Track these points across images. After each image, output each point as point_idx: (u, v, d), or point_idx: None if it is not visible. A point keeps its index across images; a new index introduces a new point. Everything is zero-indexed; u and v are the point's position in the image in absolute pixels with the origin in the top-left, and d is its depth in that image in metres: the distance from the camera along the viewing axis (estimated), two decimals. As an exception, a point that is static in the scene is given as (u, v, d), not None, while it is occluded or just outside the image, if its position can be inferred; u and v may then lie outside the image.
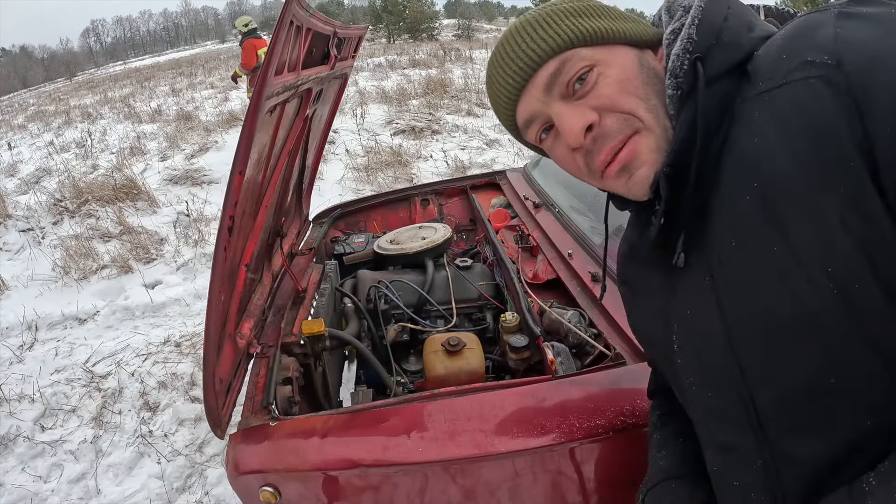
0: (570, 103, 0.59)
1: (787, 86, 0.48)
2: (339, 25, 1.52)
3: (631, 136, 0.57)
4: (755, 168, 0.50)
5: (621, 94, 0.57)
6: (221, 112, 9.41)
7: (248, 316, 1.48)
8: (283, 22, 1.03)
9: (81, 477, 2.35)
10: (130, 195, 5.62)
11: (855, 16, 0.48)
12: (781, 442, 0.53)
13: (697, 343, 0.60)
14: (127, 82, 18.60)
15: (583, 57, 0.58)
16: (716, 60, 0.55)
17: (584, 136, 0.58)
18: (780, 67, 0.50)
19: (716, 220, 0.55)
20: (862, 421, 0.48)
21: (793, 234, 0.47)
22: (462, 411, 1.12)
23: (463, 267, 1.98)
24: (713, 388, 0.59)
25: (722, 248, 0.54)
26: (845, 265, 0.45)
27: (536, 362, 1.43)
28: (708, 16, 0.56)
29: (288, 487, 1.10)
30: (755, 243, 0.50)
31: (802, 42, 0.49)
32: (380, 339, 1.76)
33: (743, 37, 0.56)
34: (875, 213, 0.44)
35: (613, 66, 0.58)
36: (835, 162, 0.44)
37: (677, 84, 0.56)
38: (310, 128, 1.84)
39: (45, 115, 12.77)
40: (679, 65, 0.56)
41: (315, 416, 1.18)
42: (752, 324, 0.52)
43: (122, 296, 3.96)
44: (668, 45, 0.59)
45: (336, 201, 3.38)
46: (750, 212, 0.50)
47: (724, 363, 0.56)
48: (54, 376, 3.06)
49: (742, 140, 0.52)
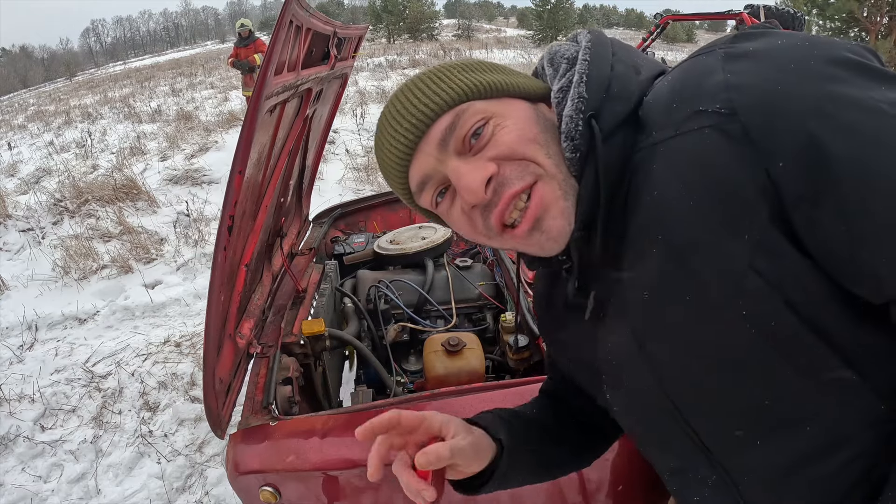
0: (466, 159, 0.56)
1: (680, 136, 0.48)
2: (339, 25, 1.52)
3: (533, 184, 0.54)
4: (658, 222, 0.49)
5: (520, 142, 0.55)
6: (221, 112, 9.42)
7: (248, 316, 1.48)
8: (283, 22, 1.03)
9: (81, 477, 2.35)
10: (130, 195, 5.62)
11: (742, 56, 0.47)
12: (730, 457, 0.54)
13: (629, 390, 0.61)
14: (127, 82, 18.60)
15: (477, 110, 0.56)
16: (609, 115, 0.53)
17: (485, 191, 0.54)
18: (672, 117, 0.49)
19: (627, 273, 0.54)
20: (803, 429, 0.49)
21: (703, 283, 0.48)
22: (462, 411, 1.12)
23: (463, 267, 1.98)
24: (652, 426, 0.60)
25: (636, 300, 0.54)
26: (759, 304, 0.46)
27: (536, 362, 1.43)
28: (595, 70, 0.55)
29: (288, 487, 1.10)
30: (668, 294, 0.50)
31: (692, 91, 0.48)
32: (380, 339, 1.76)
33: (632, 83, 0.55)
34: (782, 250, 0.44)
35: (510, 117, 0.56)
36: (737, 209, 0.45)
37: (574, 146, 0.54)
38: (310, 128, 1.84)
39: (45, 115, 12.78)
40: (573, 126, 0.53)
41: (315, 416, 1.18)
42: (681, 369, 0.53)
43: (122, 296, 3.96)
44: (558, 103, 0.57)
45: (336, 201, 3.38)
46: (658, 264, 0.50)
47: (659, 404, 0.56)
48: (54, 376, 3.06)
49: (643, 193, 0.51)
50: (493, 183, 0.54)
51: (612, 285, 0.57)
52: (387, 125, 0.59)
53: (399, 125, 0.58)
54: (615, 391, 0.63)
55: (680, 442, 0.57)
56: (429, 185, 0.59)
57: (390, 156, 0.60)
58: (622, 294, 0.56)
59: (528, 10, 31.57)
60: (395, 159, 0.59)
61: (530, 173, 0.54)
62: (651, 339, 0.54)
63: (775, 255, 0.45)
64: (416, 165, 0.59)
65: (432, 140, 0.57)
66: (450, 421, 0.63)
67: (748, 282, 0.45)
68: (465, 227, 0.60)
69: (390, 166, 0.61)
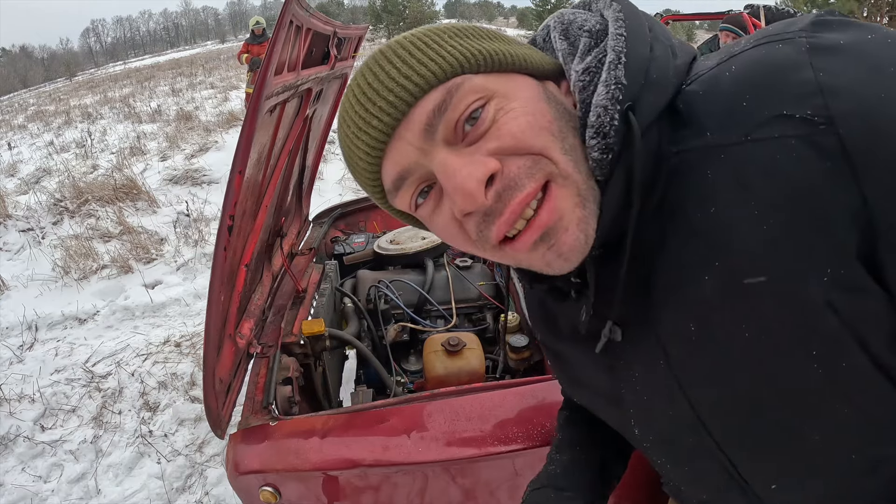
0: (459, 151, 0.44)
1: (753, 143, 0.39)
2: (339, 25, 1.53)
3: (544, 183, 0.43)
4: (717, 246, 0.41)
5: (530, 131, 0.43)
6: (221, 112, 9.42)
7: (248, 316, 1.48)
8: (283, 22, 1.03)
9: (81, 477, 2.34)
10: (130, 195, 5.62)
11: (832, 51, 0.38)
12: (771, 492, 0.51)
13: (662, 427, 0.53)
14: (127, 82, 18.61)
15: (475, 86, 0.43)
16: (646, 107, 0.43)
17: (485, 194, 0.42)
18: (741, 118, 0.40)
19: (664, 298, 0.46)
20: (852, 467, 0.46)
21: (767, 319, 0.41)
22: (462, 411, 1.12)
23: (463, 267, 1.98)
24: (685, 460, 0.55)
25: (677, 331, 0.46)
26: (831, 344, 0.40)
27: (536, 362, 1.43)
28: (634, 50, 0.44)
29: (288, 487, 1.10)
30: (722, 328, 0.43)
31: (770, 88, 0.39)
32: (380, 339, 1.76)
33: (670, 68, 0.45)
34: (864, 286, 0.38)
35: (516, 98, 0.44)
36: (822, 237, 0.38)
37: (607, 146, 0.43)
38: (310, 128, 1.84)
39: (44, 115, 12.78)
40: (608, 120, 0.43)
41: (315, 416, 1.18)
42: (726, 408, 0.47)
43: (122, 296, 3.96)
44: (583, 88, 0.45)
45: (336, 201, 3.38)
46: (712, 294, 0.42)
47: (696, 443, 0.51)
48: (54, 376, 3.06)
49: (693, 207, 0.42)
50: (496, 184, 0.43)
51: (639, 314, 0.48)
52: (354, 104, 0.46)
53: (371, 104, 0.44)
54: (645, 426, 0.56)
55: (715, 476, 0.52)
56: (407, 182, 0.46)
57: (358, 143, 0.46)
58: (655, 325, 0.48)
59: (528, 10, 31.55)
60: (364, 148, 0.46)
61: (541, 170, 0.43)
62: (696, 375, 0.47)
63: (856, 291, 0.38)
64: (391, 157, 0.45)
65: (414, 125, 0.44)
66: None
67: (823, 321, 0.39)
68: (454, 235, 0.48)
69: (357, 157, 0.47)
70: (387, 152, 0.45)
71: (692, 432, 0.50)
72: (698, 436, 0.50)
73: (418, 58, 0.44)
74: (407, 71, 0.43)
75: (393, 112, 0.43)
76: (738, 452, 0.49)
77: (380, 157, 0.46)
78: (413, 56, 0.44)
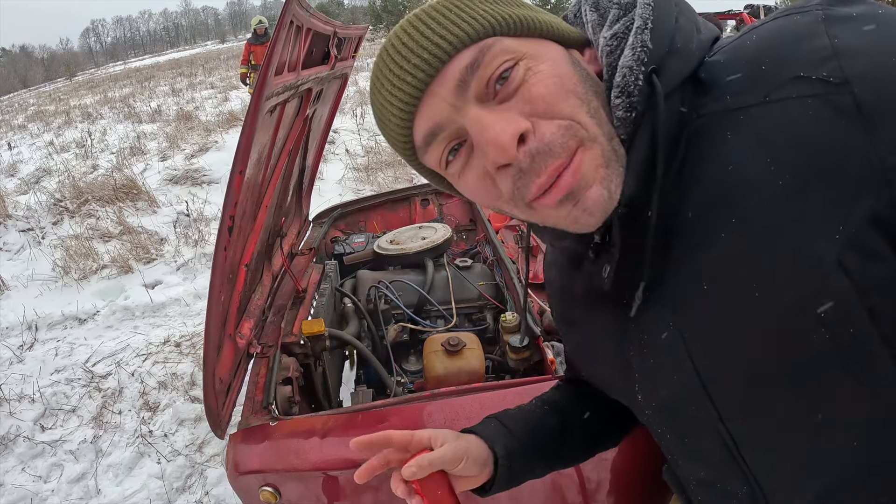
0: (491, 107, 0.45)
1: (771, 104, 0.41)
2: (339, 25, 1.53)
3: (575, 150, 0.45)
4: (734, 202, 0.43)
5: (559, 94, 0.45)
6: (221, 112, 9.42)
7: (248, 316, 1.48)
8: (283, 22, 1.03)
9: (81, 477, 2.35)
10: (130, 195, 5.62)
11: (847, 20, 0.41)
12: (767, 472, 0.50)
13: (666, 394, 0.54)
14: (127, 82, 18.62)
15: (506, 48, 0.46)
16: (671, 71, 0.46)
17: (517, 150, 0.44)
18: (760, 82, 0.42)
19: (679, 257, 0.47)
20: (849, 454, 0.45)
21: (779, 278, 0.41)
22: (462, 411, 1.12)
23: (463, 267, 1.98)
24: (686, 431, 0.55)
25: (690, 291, 0.47)
26: (839, 308, 0.40)
27: (536, 362, 1.43)
28: (660, 18, 0.47)
29: (288, 487, 1.10)
30: (734, 289, 0.44)
31: (787, 53, 0.42)
32: (380, 339, 1.76)
33: (693, 40, 0.47)
34: (878, 251, 0.39)
35: (544, 61, 0.46)
36: (836, 194, 0.39)
37: (631, 104, 0.46)
38: (310, 128, 1.84)
39: (44, 115, 12.78)
40: (633, 80, 0.45)
41: (315, 416, 1.18)
42: (733, 372, 0.47)
43: (122, 296, 3.96)
44: (610, 52, 0.48)
45: (336, 201, 3.38)
46: (726, 253, 0.43)
47: (699, 410, 0.51)
48: (54, 376, 3.06)
49: (711, 167, 0.44)
50: (528, 143, 0.44)
51: (655, 274, 0.49)
52: (388, 61, 0.48)
53: (405, 61, 0.46)
54: (649, 392, 0.56)
55: (714, 452, 0.52)
56: (439, 138, 0.48)
57: (391, 99, 0.48)
58: (669, 285, 0.48)
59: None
60: (397, 104, 0.47)
61: (574, 136, 0.45)
62: (703, 338, 0.48)
63: (869, 255, 0.39)
64: (424, 112, 0.47)
65: (448, 81, 0.46)
66: (438, 434, 0.62)
67: (833, 280, 0.40)
68: (483, 191, 0.49)
69: (390, 113, 0.49)
70: (420, 108, 0.47)
71: (695, 400, 0.50)
72: (701, 405, 0.50)
73: (452, 19, 0.46)
74: (441, 31, 0.46)
75: (427, 69, 0.45)
76: (739, 427, 0.49)
77: (412, 112, 0.47)
78: (446, 17, 0.46)
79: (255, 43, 7.43)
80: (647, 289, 0.50)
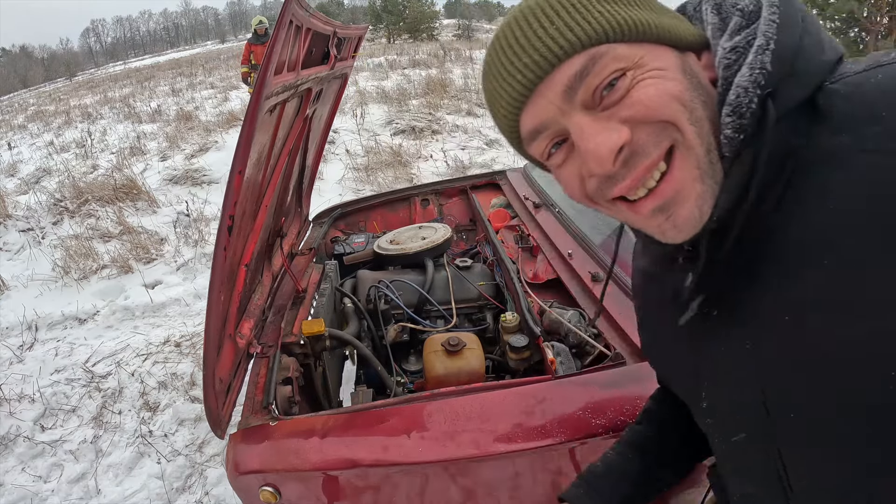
0: (595, 115, 0.46)
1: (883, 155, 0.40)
2: (338, 25, 1.53)
3: (667, 150, 0.46)
4: (828, 245, 0.42)
5: (661, 99, 0.45)
6: (221, 112, 9.42)
7: (248, 316, 1.48)
8: (283, 22, 1.03)
9: (81, 477, 2.35)
10: (130, 195, 5.62)
11: None
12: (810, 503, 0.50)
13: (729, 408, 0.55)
14: (127, 82, 18.61)
15: (618, 56, 0.45)
16: (785, 96, 0.44)
17: (615, 161, 0.46)
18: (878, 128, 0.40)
19: (764, 286, 0.47)
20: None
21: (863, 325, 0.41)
22: (462, 411, 1.12)
23: (463, 267, 1.98)
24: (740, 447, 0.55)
25: (771, 320, 0.47)
26: None
27: (536, 362, 1.43)
28: (784, 38, 0.45)
29: (288, 487, 1.10)
30: (816, 327, 0.43)
31: None
32: (380, 339, 1.76)
33: (815, 62, 0.45)
34: None
35: (653, 70, 0.46)
36: None
37: (741, 126, 0.45)
38: (310, 128, 1.84)
39: (44, 115, 12.78)
40: (747, 101, 0.44)
41: (315, 416, 1.18)
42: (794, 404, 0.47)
43: (122, 296, 3.97)
44: (728, 66, 0.47)
45: (336, 201, 3.38)
46: (813, 293, 0.43)
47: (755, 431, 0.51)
48: (54, 376, 3.06)
49: (814, 203, 0.43)
50: (624, 152, 0.46)
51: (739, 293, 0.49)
52: (500, 54, 0.49)
53: (517, 58, 0.47)
54: (713, 403, 0.57)
55: (763, 473, 0.52)
56: (543, 135, 0.50)
57: (501, 93, 0.50)
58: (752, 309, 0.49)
59: None
60: (506, 98, 0.50)
61: (667, 136, 0.45)
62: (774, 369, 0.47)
63: None
64: (530, 110, 0.49)
65: (556, 85, 0.47)
66: None
67: None
68: (573, 187, 0.52)
69: (499, 105, 0.51)
70: (526, 105, 0.49)
71: (755, 420, 0.51)
72: (760, 425, 0.50)
73: (566, 21, 0.46)
74: (553, 32, 0.46)
75: (537, 70, 0.47)
76: (791, 452, 0.49)
77: (520, 108, 0.50)
78: (561, 17, 0.46)
79: (255, 43, 7.46)
80: (725, 305, 0.51)
